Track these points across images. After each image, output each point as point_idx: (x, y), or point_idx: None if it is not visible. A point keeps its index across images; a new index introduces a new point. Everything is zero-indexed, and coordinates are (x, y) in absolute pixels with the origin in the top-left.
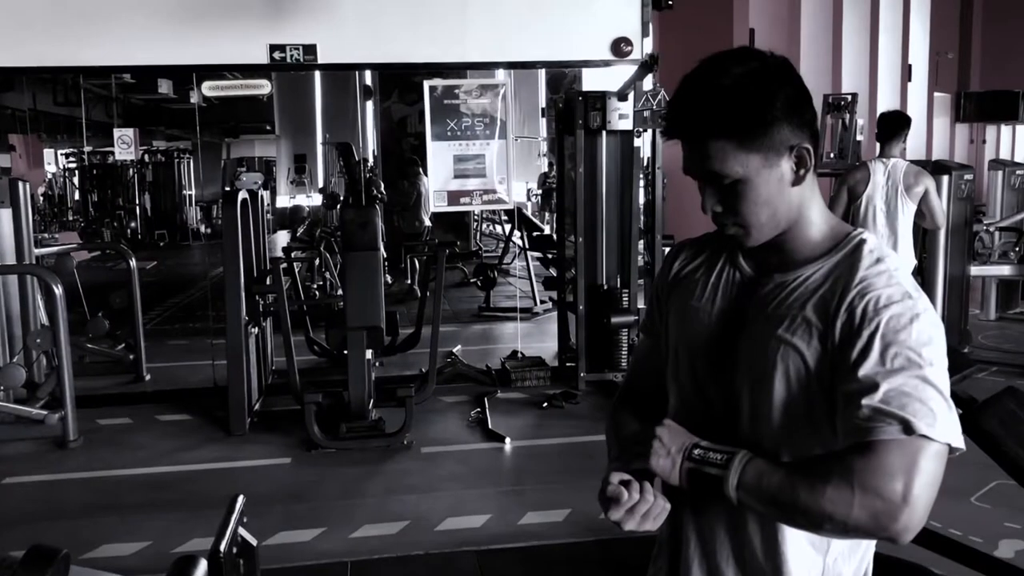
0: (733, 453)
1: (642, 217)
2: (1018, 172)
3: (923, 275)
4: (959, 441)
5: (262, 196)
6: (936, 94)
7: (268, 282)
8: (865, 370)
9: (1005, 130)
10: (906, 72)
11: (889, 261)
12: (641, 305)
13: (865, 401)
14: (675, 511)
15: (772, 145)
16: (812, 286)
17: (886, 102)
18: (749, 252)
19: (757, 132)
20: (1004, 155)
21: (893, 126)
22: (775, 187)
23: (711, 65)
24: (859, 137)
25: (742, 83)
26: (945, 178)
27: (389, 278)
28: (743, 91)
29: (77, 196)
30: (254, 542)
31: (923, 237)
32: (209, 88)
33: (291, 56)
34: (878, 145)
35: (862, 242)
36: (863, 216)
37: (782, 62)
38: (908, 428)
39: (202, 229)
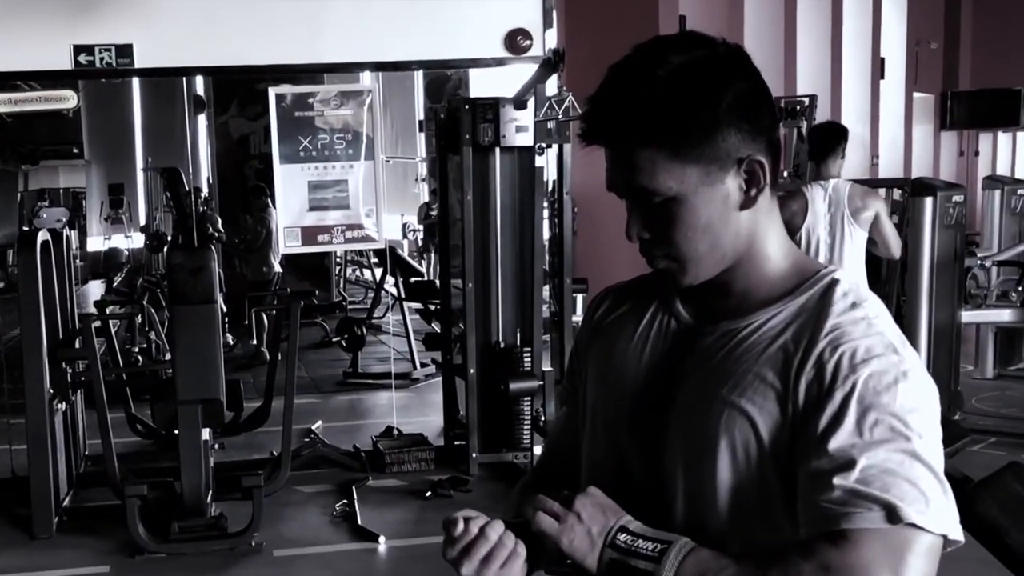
0: (670, 543)
1: (547, 256)
2: (1019, 192)
3: (901, 323)
4: (957, 531)
5: (68, 237)
6: (916, 95)
7: (78, 345)
8: (838, 442)
9: (1003, 139)
10: (878, 68)
11: (868, 306)
12: (547, 367)
13: (838, 481)
14: None
15: (715, 156)
16: (768, 336)
17: (853, 105)
18: (689, 295)
19: (697, 138)
20: (1002, 170)
21: (828, 141)
22: (718, 209)
23: (646, 52)
24: None
25: (681, 76)
26: (928, 200)
27: (230, 338)
28: (682, 85)
29: None
30: None
31: (901, 275)
32: None
33: (101, 60)
34: (810, 165)
35: (834, 282)
36: (804, 253)
37: (735, 51)
38: (893, 515)
39: None
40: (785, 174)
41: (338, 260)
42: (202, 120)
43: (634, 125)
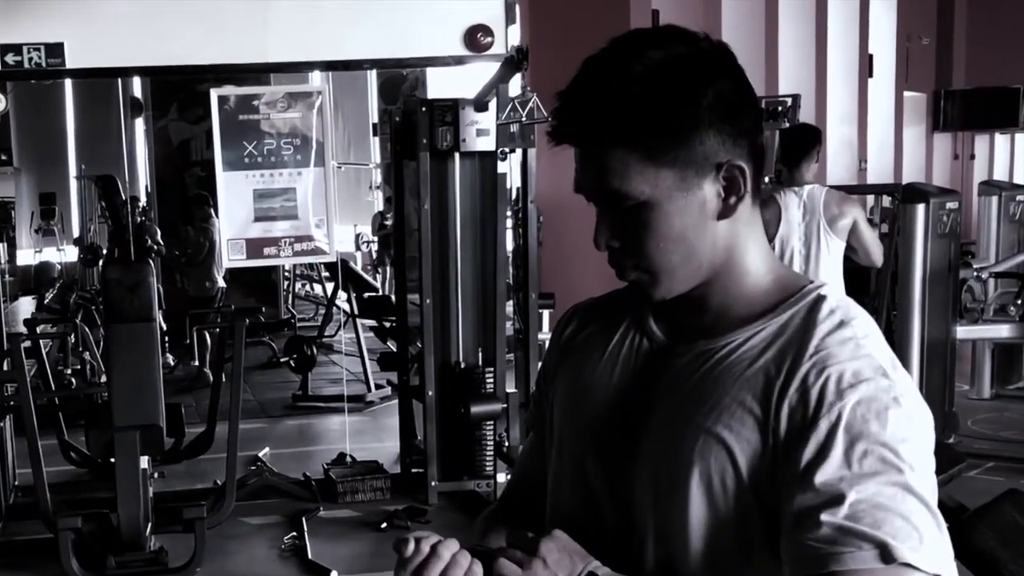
0: None
1: (511, 269)
2: (1018, 197)
3: (892, 340)
4: (951, 570)
5: None
6: (907, 94)
7: (6, 367)
8: (824, 475)
9: (1000, 141)
10: (866, 65)
11: (857, 325)
12: (511, 389)
13: (826, 517)
14: None
15: (692, 159)
16: (748, 356)
17: (839, 106)
18: (662, 311)
19: (673, 140)
20: (999, 174)
21: (801, 144)
22: (693, 218)
23: (622, 46)
24: None
25: (659, 72)
26: (920, 207)
27: (171, 358)
28: (659, 83)
29: None
30: None
31: (891, 288)
32: None
33: (30, 60)
34: (783, 170)
35: (820, 299)
36: (787, 267)
37: (718, 48)
38: (886, 553)
39: None
40: (767, 180)
41: (286, 274)
42: (139, 124)
43: (606, 123)
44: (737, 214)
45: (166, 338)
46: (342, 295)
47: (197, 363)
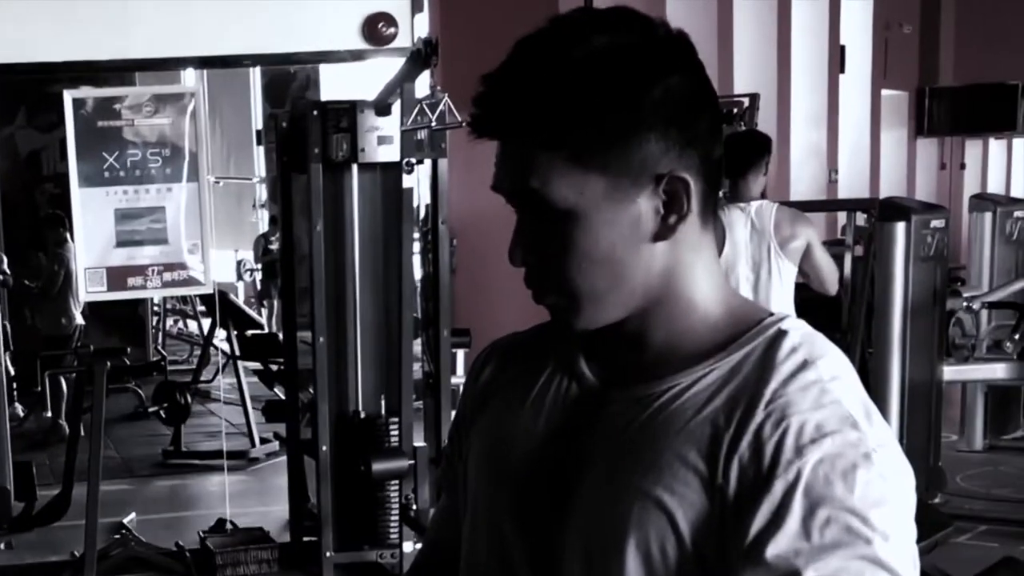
0: None
1: (419, 302)
2: (1016, 214)
3: (867, 383)
4: None
5: None
6: (885, 92)
7: None
8: (778, 548)
9: (995, 147)
10: (836, 58)
11: (823, 365)
12: (419, 442)
13: None
14: None
15: (627, 166)
16: (693, 405)
17: (805, 106)
18: (595, 349)
19: (606, 140)
20: (993, 187)
21: (748, 153)
22: (624, 236)
23: (564, 28)
24: None
25: (602, 60)
26: (900, 226)
27: (20, 408)
28: (598, 74)
29: None
30: None
31: (867, 322)
32: None
33: None
34: (727, 183)
35: (781, 334)
36: (745, 298)
37: (677, 38)
38: None
39: None
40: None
41: (155, 309)
42: None
43: (529, 115)
44: (678, 236)
45: (14, 384)
46: (221, 333)
47: (51, 414)
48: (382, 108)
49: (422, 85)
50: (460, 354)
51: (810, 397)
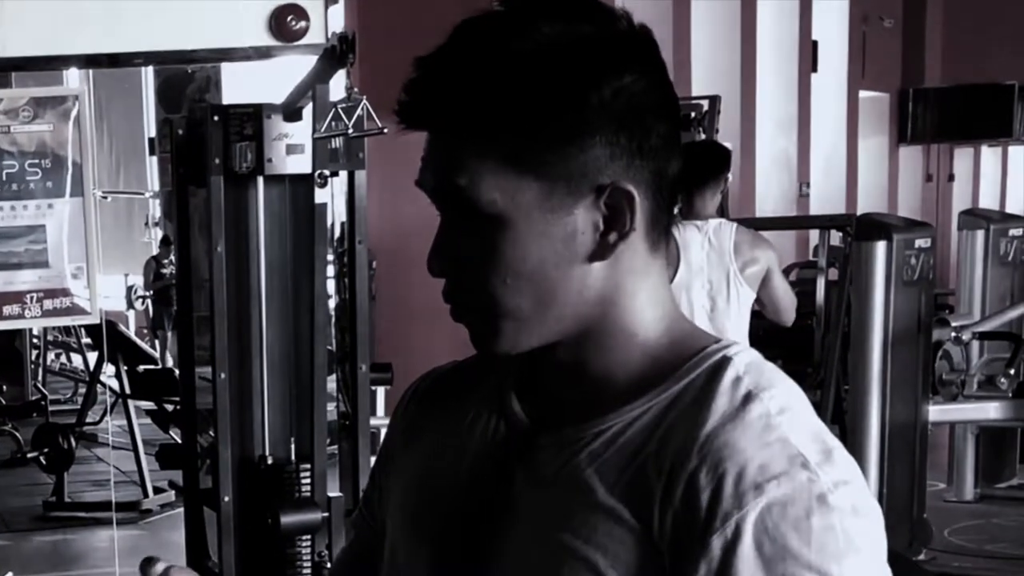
0: None
1: (334, 332)
2: (1012, 232)
3: (843, 425)
4: None
5: None
6: (864, 94)
7: None
8: None
9: (988, 155)
10: (808, 55)
11: (768, 398)
12: (334, 492)
13: None
14: None
15: (565, 172)
16: (626, 448)
17: (772, 110)
18: (528, 384)
19: (544, 141)
20: (986, 201)
21: (706, 167)
22: (554, 250)
23: (512, 14)
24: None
25: (548, 54)
26: (880, 246)
27: None
28: (544, 67)
29: None
30: None
31: (842, 356)
32: None
33: None
34: (680, 199)
35: (724, 363)
36: (694, 325)
37: (638, 34)
38: None
39: None
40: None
41: (35, 341)
42: None
43: (464, 108)
44: (620, 258)
45: None
46: (109, 369)
47: None
48: (292, 113)
49: (337, 87)
50: (380, 392)
51: (752, 435)
